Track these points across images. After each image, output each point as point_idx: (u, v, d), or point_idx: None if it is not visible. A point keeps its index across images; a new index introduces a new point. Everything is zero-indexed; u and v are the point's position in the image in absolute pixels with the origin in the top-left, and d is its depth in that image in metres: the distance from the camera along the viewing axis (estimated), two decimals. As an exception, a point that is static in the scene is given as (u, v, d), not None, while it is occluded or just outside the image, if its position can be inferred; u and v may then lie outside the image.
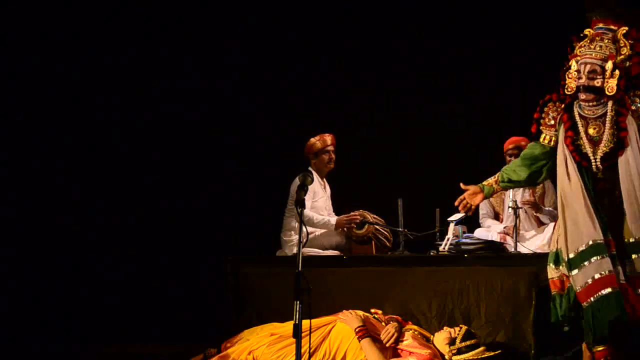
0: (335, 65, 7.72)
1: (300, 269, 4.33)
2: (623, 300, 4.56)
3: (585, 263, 4.66)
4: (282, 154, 7.41)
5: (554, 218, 6.67)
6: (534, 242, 6.56)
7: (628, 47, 4.60)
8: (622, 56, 4.60)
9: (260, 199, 7.51)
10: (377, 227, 6.62)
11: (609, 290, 4.59)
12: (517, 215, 6.27)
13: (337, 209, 6.87)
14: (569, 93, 4.76)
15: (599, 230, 4.64)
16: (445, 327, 5.47)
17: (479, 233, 6.65)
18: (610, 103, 4.68)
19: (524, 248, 6.32)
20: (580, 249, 4.69)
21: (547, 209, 6.75)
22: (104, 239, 7.53)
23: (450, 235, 6.14)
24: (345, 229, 6.66)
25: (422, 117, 7.69)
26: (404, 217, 6.39)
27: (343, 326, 5.37)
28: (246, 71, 7.75)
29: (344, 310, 5.51)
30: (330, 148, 6.85)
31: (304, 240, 4.43)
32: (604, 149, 4.69)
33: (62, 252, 7.44)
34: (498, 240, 6.43)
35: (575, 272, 4.70)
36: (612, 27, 4.68)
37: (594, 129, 4.73)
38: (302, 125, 7.24)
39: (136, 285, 7.38)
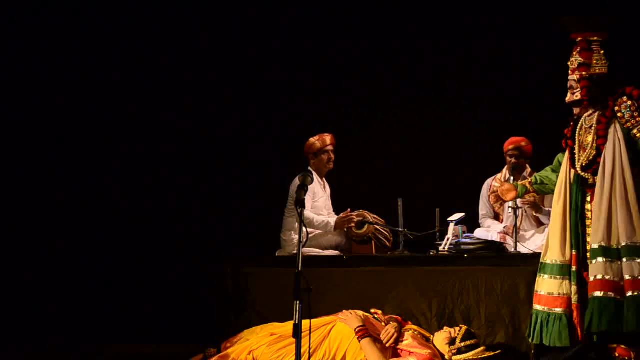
0: (335, 65, 7.71)
1: (300, 269, 4.33)
2: (568, 323, 4.88)
3: (546, 276, 5.00)
4: (282, 154, 7.41)
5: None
6: (534, 242, 6.56)
7: (593, 55, 4.90)
8: (594, 63, 4.89)
9: (260, 199, 7.51)
10: (377, 227, 6.62)
11: (559, 310, 4.91)
12: (517, 215, 6.27)
13: (337, 209, 6.87)
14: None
15: (568, 248, 4.92)
16: (445, 327, 5.47)
17: (479, 233, 6.65)
18: (597, 112, 4.90)
19: (524, 248, 6.32)
20: (548, 261, 5.01)
21: (547, 209, 6.74)
22: (104, 239, 7.53)
23: (450, 235, 6.14)
24: (345, 229, 6.66)
25: (422, 117, 7.69)
26: (404, 217, 6.39)
27: (343, 326, 5.37)
28: (246, 71, 7.75)
29: (344, 310, 5.52)
30: (330, 148, 6.85)
31: (304, 240, 4.44)
32: (589, 156, 4.88)
33: (62, 252, 7.44)
34: (498, 240, 6.43)
35: (539, 276, 5.04)
36: (579, 37, 4.93)
37: (587, 137, 4.93)
38: (302, 125, 7.24)
39: (136, 285, 7.38)
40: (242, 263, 6.20)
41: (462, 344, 5.23)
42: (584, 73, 4.87)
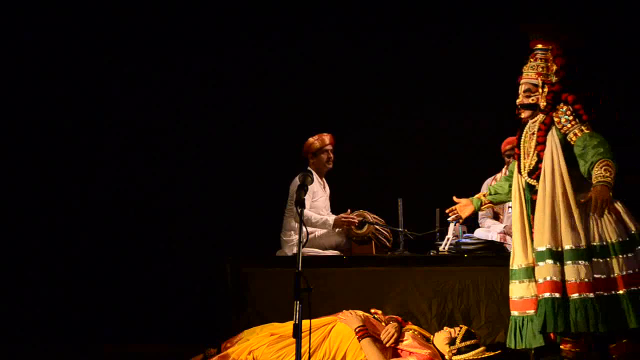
0: (335, 65, 7.71)
1: (300, 269, 4.33)
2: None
3: (517, 282, 5.06)
4: (282, 154, 7.41)
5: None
6: (534, 242, 6.56)
7: (552, 63, 4.99)
8: (551, 72, 4.96)
9: (260, 199, 7.51)
10: (377, 227, 6.62)
11: (531, 312, 4.97)
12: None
13: (337, 209, 6.87)
14: (518, 113, 5.13)
15: (529, 251, 5.00)
16: (445, 327, 5.48)
17: (479, 233, 6.65)
18: (539, 119, 4.98)
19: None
20: (515, 267, 5.08)
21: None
22: (104, 238, 7.53)
23: (450, 235, 6.14)
24: (345, 228, 6.66)
25: (422, 117, 7.69)
26: (404, 217, 6.40)
27: (343, 326, 5.37)
28: (246, 71, 7.75)
29: (344, 310, 5.52)
30: (329, 148, 6.86)
31: (304, 240, 4.44)
32: (532, 162, 4.97)
33: (62, 252, 7.44)
34: (498, 240, 6.43)
35: (511, 282, 5.11)
36: (545, 46, 5.04)
37: (531, 144, 5.03)
38: (302, 125, 7.24)
39: (136, 285, 7.38)
40: (242, 263, 6.20)
41: (462, 344, 5.23)
42: (554, 79, 4.97)
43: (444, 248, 6.08)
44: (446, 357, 5.24)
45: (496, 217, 6.99)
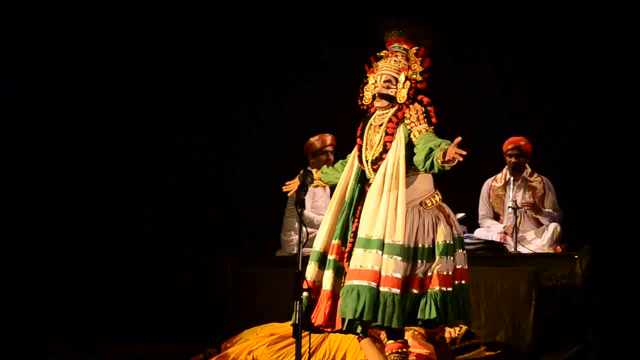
0: (335, 65, 7.71)
1: (300, 269, 4.34)
2: (308, 307, 4.70)
3: (310, 264, 4.83)
4: (282, 154, 7.41)
5: (553, 219, 6.69)
6: (534, 242, 6.57)
7: (418, 64, 5.05)
8: (412, 71, 5.02)
9: (260, 199, 7.51)
10: (377, 227, 6.61)
11: (305, 294, 4.75)
12: (517, 215, 6.27)
13: (337, 209, 6.87)
14: (366, 103, 5.13)
15: (325, 239, 4.84)
16: (445, 327, 5.47)
17: (479, 233, 6.65)
18: (391, 112, 4.98)
19: (524, 248, 6.32)
20: (316, 249, 4.87)
21: (546, 210, 6.75)
22: (103, 238, 7.53)
23: (450, 235, 6.13)
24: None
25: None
26: (404, 217, 6.38)
27: (343, 326, 5.37)
28: (246, 70, 7.75)
29: (344, 310, 5.51)
30: (329, 148, 6.85)
31: (304, 240, 4.44)
32: (375, 153, 4.95)
33: (61, 251, 7.44)
34: (498, 240, 6.43)
35: (309, 264, 4.88)
36: (405, 46, 5.11)
37: (375, 135, 5.01)
38: (302, 125, 7.24)
39: (136, 285, 7.38)
40: (242, 263, 6.21)
41: (462, 344, 5.23)
42: (419, 78, 5.02)
43: (444, 248, 6.06)
44: (446, 357, 5.24)
45: (496, 217, 6.98)
